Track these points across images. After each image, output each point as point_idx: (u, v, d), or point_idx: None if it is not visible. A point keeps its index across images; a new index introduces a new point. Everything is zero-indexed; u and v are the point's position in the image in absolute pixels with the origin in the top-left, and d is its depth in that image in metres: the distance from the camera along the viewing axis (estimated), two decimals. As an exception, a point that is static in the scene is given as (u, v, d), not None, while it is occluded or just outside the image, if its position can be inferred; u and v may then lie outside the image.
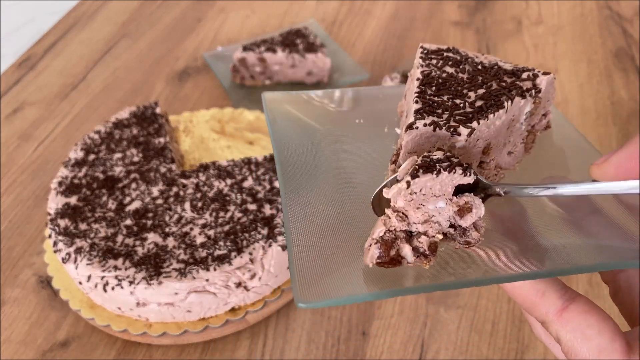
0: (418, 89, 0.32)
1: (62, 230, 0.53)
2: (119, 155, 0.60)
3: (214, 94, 0.83)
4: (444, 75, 0.33)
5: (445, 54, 0.35)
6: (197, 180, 0.58)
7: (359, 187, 0.34)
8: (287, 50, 0.80)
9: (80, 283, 0.52)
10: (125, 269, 0.50)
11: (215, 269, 0.49)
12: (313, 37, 0.83)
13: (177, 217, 0.54)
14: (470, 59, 0.35)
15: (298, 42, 0.82)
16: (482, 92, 0.32)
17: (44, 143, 0.76)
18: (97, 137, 0.63)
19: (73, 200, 0.56)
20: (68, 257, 0.51)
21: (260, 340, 0.54)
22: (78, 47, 0.95)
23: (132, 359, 0.53)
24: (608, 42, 0.91)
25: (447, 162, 0.28)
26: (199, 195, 0.56)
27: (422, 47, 0.36)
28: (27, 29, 1.01)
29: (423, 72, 0.34)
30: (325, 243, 0.30)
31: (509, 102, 0.31)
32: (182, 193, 0.57)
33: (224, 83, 0.82)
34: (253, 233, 0.52)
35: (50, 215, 0.55)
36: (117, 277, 0.49)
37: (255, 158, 0.60)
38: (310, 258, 0.29)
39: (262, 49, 0.80)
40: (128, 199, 0.56)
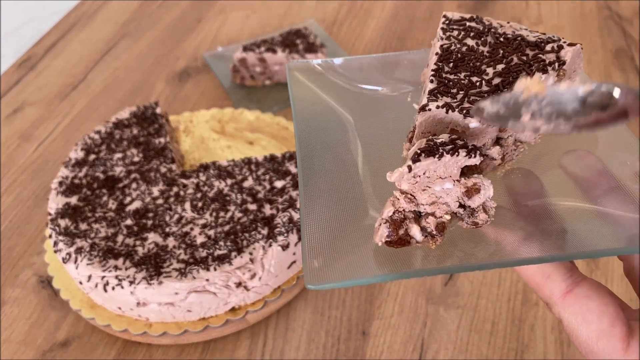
0: (435, 66, 0.31)
1: (62, 230, 0.53)
2: (119, 155, 0.60)
3: (214, 94, 0.83)
4: (464, 50, 0.32)
5: (468, 24, 0.34)
6: (197, 180, 0.58)
7: (376, 162, 0.33)
8: (287, 51, 0.80)
9: (81, 283, 0.52)
10: (126, 269, 0.50)
11: (216, 269, 0.50)
12: (313, 37, 0.83)
13: (177, 217, 0.54)
14: (494, 29, 0.33)
15: (298, 42, 0.82)
16: (501, 67, 0.31)
17: (44, 143, 0.77)
18: (97, 137, 0.63)
19: (73, 200, 0.56)
20: (68, 257, 0.51)
21: (260, 340, 0.54)
22: (78, 47, 0.95)
23: (132, 359, 0.53)
24: (608, 42, 0.91)
25: (450, 145, 0.27)
26: (199, 195, 0.56)
27: (444, 16, 0.35)
28: (27, 29, 1.01)
29: (442, 45, 0.32)
30: (338, 222, 0.30)
31: (528, 78, 0.30)
32: (182, 193, 0.57)
33: (224, 83, 0.82)
34: (253, 233, 0.52)
35: (51, 215, 0.55)
36: (117, 277, 0.49)
37: (256, 158, 0.60)
38: (322, 239, 0.29)
39: (262, 49, 0.80)
40: (128, 199, 0.56)
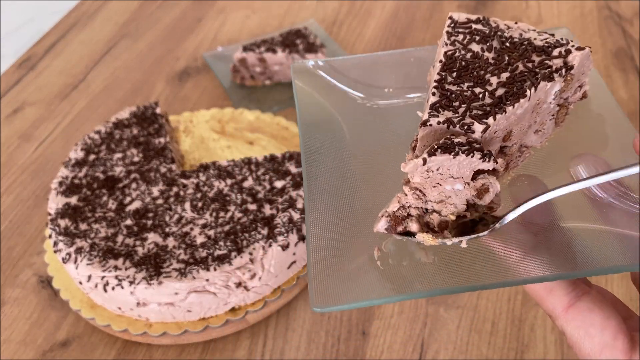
0: (438, 76, 0.31)
1: (62, 230, 0.53)
2: (119, 156, 0.60)
3: (214, 94, 0.83)
4: (468, 56, 0.31)
5: (474, 27, 0.33)
6: (197, 181, 0.58)
7: (382, 169, 0.33)
8: (287, 51, 0.80)
9: (81, 283, 0.52)
10: (126, 269, 0.50)
11: (216, 269, 0.50)
12: (313, 37, 0.83)
13: (177, 217, 0.54)
14: (500, 32, 0.32)
15: (298, 42, 0.82)
16: (505, 76, 0.30)
17: (44, 143, 0.77)
18: (97, 137, 0.63)
19: (73, 200, 0.56)
20: (68, 257, 0.51)
21: (260, 340, 0.54)
22: (78, 47, 0.95)
23: (132, 359, 0.53)
24: (608, 42, 0.91)
25: (467, 145, 0.27)
26: (199, 196, 0.56)
27: (450, 17, 0.34)
28: (27, 29, 1.01)
29: (447, 52, 0.32)
30: (342, 242, 0.30)
31: (532, 89, 0.29)
32: (182, 193, 0.57)
33: (224, 83, 0.82)
34: (253, 233, 0.52)
35: (51, 215, 0.55)
36: (117, 277, 0.49)
37: (256, 158, 0.60)
38: (327, 261, 0.29)
39: (262, 49, 0.80)
40: (128, 199, 0.56)
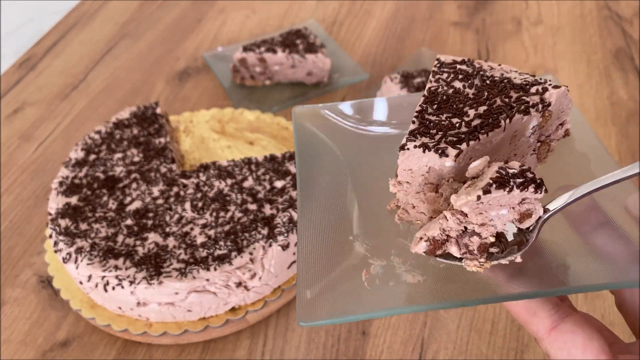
0: (419, 107, 0.32)
1: (62, 230, 0.53)
2: (120, 155, 0.60)
3: (214, 94, 0.83)
4: (450, 92, 0.33)
5: (459, 67, 0.35)
6: (197, 180, 0.58)
7: (373, 198, 0.35)
8: (287, 51, 0.80)
9: (81, 283, 0.52)
10: (126, 269, 0.50)
11: (216, 269, 0.50)
12: (313, 37, 0.83)
13: (177, 217, 0.54)
14: (483, 72, 0.34)
15: (298, 42, 0.82)
16: (483, 109, 0.31)
17: (45, 143, 0.77)
18: (97, 137, 0.63)
19: (74, 200, 0.56)
20: (68, 257, 0.51)
21: (261, 340, 0.54)
22: (78, 47, 0.95)
23: (132, 359, 0.53)
24: (607, 42, 0.91)
25: (521, 178, 0.28)
26: (200, 195, 0.56)
27: (438, 59, 0.36)
28: (27, 29, 1.01)
29: (430, 88, 0.34)
30: (331, 259, 0.32)
31: (507, 120, 0.31)
32: (182, 193, 0.57)
33: (224, 83, 0.83)
34: (253, 233, 0.52)
35: (51, 215, 0.55)
36: (117, 276, 0.49)
37: (256, 158, 0.60)
38: (315, 273, 0.30)
39: (262, 49, 0.80)
40: (128, 199, 0.56)
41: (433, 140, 0.30)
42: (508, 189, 0.27)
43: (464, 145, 0.29)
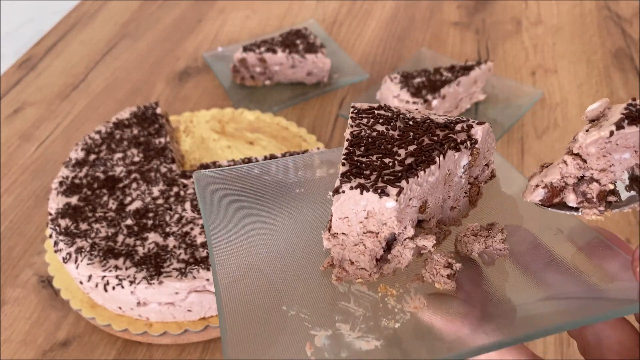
0: (346, 150, 0.31)
1: (62, 230, 0.53)
2: (120, 156, 0.60)
3: (214, 94, 0.83)
4: (374, 134, 0.32)
5: (377, 112, 0.34)
6: (197, 180, 0.58)
7: (298, 253, 0.32)
8: (287, 51, 0.80)
9: (81, 283, 0.52)
10: (126, 269, 0.50)
11: (216, 269, 0.50)
12: (313, 37, 0.83)
13: (177, 217, 0.54)
14: (402, 115, 0.33)
15: (298, 42, 0.82)
16: (413, 148, 0.30)
17: (45, 143, 0.77)
18: (97, 137, 0.63)
19: (74, 200, 0.56)
20: (69, 256, 0.51)
21: (261, 340, 0.54)
22: (78, 47, 0.95)
23: (132, 359, 0.53)
24: (607, 42, 0.91)
25: None
26: (200, 195, 0.56)
27: (353, 106, 0.35)
28: (27, 29, 1.01)
29: (352, 132, 0.32)
30: (264, 335, 0.28)
31: (441, 156, 0.30)
32: (182, 193, 0.57)
33: (224, 83, 0.83)
34: (253, 233, 0.52)
35: (51, 215, 0.55)
36: (117, 276, 0.49)
37: (256, 158, 0.60)
38: (247, 355, 0.27)
39: (262, 50, 0.80)
40: (129, 199, 0.56)
41: (369, 181, 0.28)
42: None
43: (404, 183, 0.28)
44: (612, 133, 0.26)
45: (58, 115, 0.81)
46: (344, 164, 0.30)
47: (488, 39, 0.93)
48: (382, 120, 0.33)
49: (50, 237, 0.54)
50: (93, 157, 0.61)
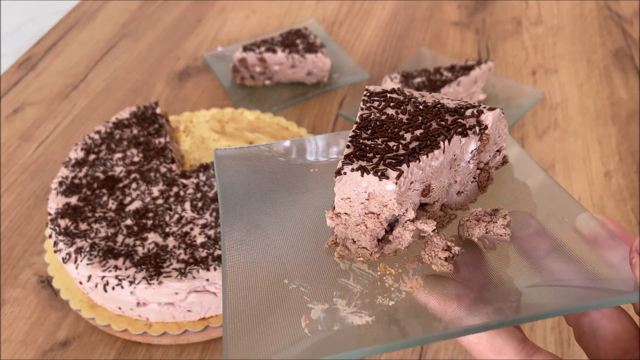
0: (353, 133, 0.31)
1: (62, 230, 0.53)
2: (120, 156, 0.60)
3: (214, 94, 0.83)
4: (383, 118, 0.32)
5: (389, 96, 0.34)
6: (197, 180, 0.58)
7: (306, 229, 0.33)
8: (287, 51, 0.80)
9: (81, 283, 0.52)
10: (126, 269, 0.50)
11: (216, 269, 0.50)
12: (313, 37, 0.83)
13: (177, 217, 0.54)
14: (414, 99, 0.34)
15: (298, 42, 0.82)
16: (419, 132, 0.31)
17: (45, 143, 0.77)
18: (97, 137, 0.63)
19: (73, 200, 0.56)
20: (68, 257, 0.51)
21: (261, 340, 0.54)
22: (78, 47, 0.95)
23: (132, 359, 0.53)
24: (607, 42, 0.91)
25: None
26: (199, 195, 0.56)
27: (366, 89, 0.35)
28: (27, 29, 1.01)
29: (361, 115, 0.33)
30: (264, 305, 0.29)
31: (446, 141, 0.30)
32: (182, 193, 0.57)
33: (224, 83, 0.83)
34: (253, 233, 0.52)
35: (51, 215, 0.55)
36: (117, 277, 0.49)
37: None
38: (246, 322, 0.28)
39: (262, 49, 0.80)
40: (128, 199, 0.56)
41: (371, 163, 0.29)
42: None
43: (404, 167, 0.28)
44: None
45: (58, 115, 0.81)
46: (349, 146, 0.30)
47: (488, 39, 0.93)
48: (393, 104, 0.33)
49: (50, 237, 0.54)
50: (93, 157, 0.61)
